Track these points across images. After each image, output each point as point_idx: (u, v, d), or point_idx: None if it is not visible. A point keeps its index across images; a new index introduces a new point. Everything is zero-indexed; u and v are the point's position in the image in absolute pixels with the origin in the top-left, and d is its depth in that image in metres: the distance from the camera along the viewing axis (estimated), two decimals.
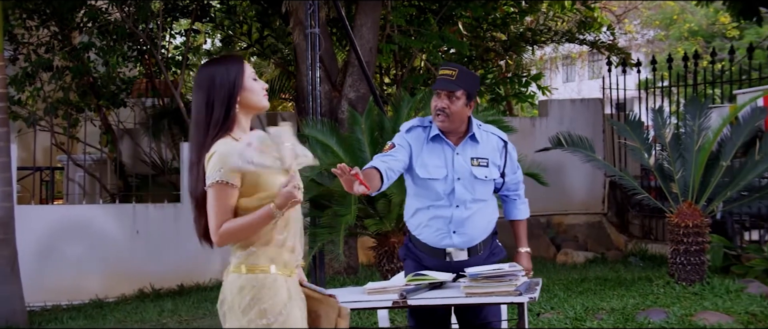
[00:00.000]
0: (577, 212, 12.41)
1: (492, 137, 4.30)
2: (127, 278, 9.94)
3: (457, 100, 4.13)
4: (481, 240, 4.24)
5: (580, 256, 10.90)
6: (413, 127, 4.28)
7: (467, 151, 4.21)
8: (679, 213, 7.84)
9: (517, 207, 4.48)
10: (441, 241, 4.20)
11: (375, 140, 7.70)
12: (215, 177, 2.97)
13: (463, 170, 4.17)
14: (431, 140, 4.22)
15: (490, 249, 4.31)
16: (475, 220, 4.19)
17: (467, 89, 4.15)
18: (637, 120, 8.62)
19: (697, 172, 7.77)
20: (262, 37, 14.48)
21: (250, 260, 3.05)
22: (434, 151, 4.21)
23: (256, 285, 3.01)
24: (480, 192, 4.20)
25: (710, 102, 8.93)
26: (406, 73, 13.39)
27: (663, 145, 8.22)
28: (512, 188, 4.41)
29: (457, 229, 4.17)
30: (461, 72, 4.18)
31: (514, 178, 4.39)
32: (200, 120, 3.07)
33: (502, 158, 4.29)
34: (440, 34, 12.47)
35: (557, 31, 14.89)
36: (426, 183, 4.19)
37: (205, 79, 3.10)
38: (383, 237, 7.49)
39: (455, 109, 4.13)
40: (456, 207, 4.16)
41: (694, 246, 7.71)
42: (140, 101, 13.62)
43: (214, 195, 2.98)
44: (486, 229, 4.26)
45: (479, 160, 4.20)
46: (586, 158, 8.48)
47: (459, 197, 4.16)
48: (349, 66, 10.37)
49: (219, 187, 2.97)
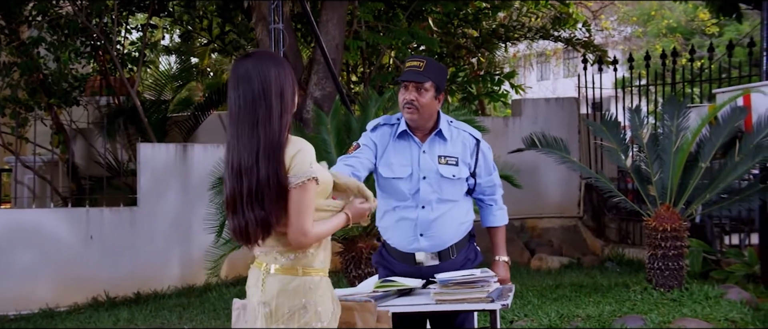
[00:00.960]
0: (551, 215, 12.46)
1: (463, 134, 4.27)
2: (79, 286, 9.84)
3: (426, 92, 4.13)
4: (453, 243, 4.20)
5: (554, 261, 10.95)
6: (379, 125, 4.29)
7: (435, 148, 4.20)
8: (656, 217, 7.90)
9: (493, 213, 4.42)
10: (409, 245, 4.18)
11: (342, 141, 7.69)
12: (307, 173, 3.01)
13: (429, 168, 4.16)
14: (398, 137, 4.21)
15: (466, 255, 4.27)
16: (444, 222, 4.16)
17: (435, 81, 4.15)
18: (613, 120, 8.68)
19: (676, 174, 7.84)
20: (223, 32, 14.42)
21: (303, 262, 3.12)
22: (400, 149, 4.21)
23: (312, 287, 3.10)
24: (448, 192, 4.18)
25: (689, 101, 9.01)
26: (374, 71, 13.38)
27: (640, 145, 8.27)
28: (487, 191, 4.36)
29: (424, 232, 4.15)
30: (429, 63, 4.18)
31: (489, 180, 4.35)
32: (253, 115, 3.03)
33: (474, 157, 4.26)
34: (409, 31, 12.49)
35: (531, 27, 14.97)
36: (390, 182, 4.19)
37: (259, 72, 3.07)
38: (350, 242, 7.48)
39: (424, 102, 4.12)
40: (422, 208, 4.14)
41: (673, 250, 7.77)
42: (94, 100, 13.50)
43: (305, 193, 3.02)
44: (457, 232, 4.23)
45: (447, 158, 4.19)
46: (561, 159, 8.52)
47: (424, 197, 4.14)
48: (315, 63, 10.36)
49: (310, 185, 3.02)
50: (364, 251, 7.33)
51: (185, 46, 16.32)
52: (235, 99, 3.07)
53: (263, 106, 3.04)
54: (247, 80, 3.06)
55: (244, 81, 3.07)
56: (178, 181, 10.57)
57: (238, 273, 10.19)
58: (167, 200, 10.51)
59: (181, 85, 15.39)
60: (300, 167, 3.00)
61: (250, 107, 3.04)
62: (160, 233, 10.38)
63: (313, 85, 10.26)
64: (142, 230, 10.32)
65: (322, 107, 9.36)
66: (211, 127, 13.54)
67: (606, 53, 14.93)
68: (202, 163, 10.10)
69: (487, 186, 4.35)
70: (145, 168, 10.48)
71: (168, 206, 10.50)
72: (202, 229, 8.12)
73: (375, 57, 13.59)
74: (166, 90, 15.05)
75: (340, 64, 11.12)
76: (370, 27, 12.50)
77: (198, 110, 13.96)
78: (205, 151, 10.64)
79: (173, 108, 14.92)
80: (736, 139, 8.04)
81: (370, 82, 12.82)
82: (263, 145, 3.01)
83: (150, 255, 10.24)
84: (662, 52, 11.84)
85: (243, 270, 10.24)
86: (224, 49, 14.72)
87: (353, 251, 7.46)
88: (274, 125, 3.03)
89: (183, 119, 13.90)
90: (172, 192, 10.54)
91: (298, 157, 3.01)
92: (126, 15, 13.81)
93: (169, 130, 13.59)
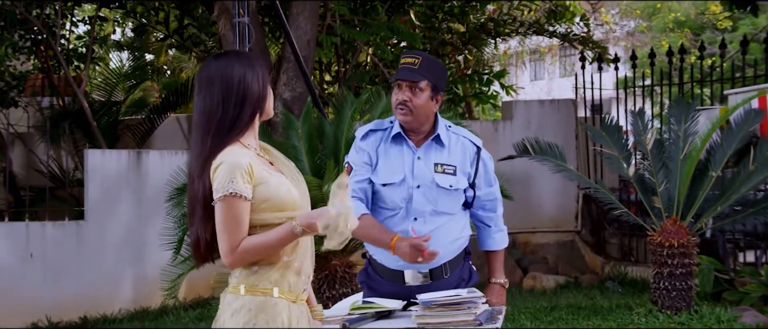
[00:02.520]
0: (546, 230, 12.50)
1: (463, 141, 4.27)
2: (18, 309, 9.76)
3: (421, 93, 4.12)
4: (446, 260, 4.19)
5: (549, 280, 10.98)
6: (369, 133, 4.28)
7: (431, 154, 4.20)
8: (662, 232, 7.94)
9: (491, 235, 4.43)
10: (397, 261, 4.12)
11: (314, 147, 7.70)
12: (227, 188, 3.00)
13: (424, 176, 4.15)
14: (391, 141, 4.22)
15: (460, 274, 4.27)
16: (438, 237, 4.10)
17: (432, 80, 4.14)
18: (614, 124, 8.73)
19: (683, 184, 7.88)
20: (181, 26, 14.38)
21: (251, 280, 3.10)
22: (391, 154, 4.21)
23: (252, 308, 3.07)
24: (444, 203, 4.17)
25: (698, 103, 9.08)
26: (349, 70, 13.40)
27: (644, 152, 8.32)
28: (487, 206, 4.36)
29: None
30: (425, 60, 4.17)
31: (490, 193, 4.35)
32: (209, 122, 3.10)
33: (474, 166, 4.25)
34: (389, 25, 12.50)
35: (523, 21, 15.03)
36: (380, 190, 4.19)
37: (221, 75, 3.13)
38: (323, 260, 7.46)
39: (419, 103, 4.12)
40: (414, 220, 4.13)
41: (680, 268, 7.81)
42: (35, 100, 13.42)
43: (225, 210, 3.01)
44: (452, 249, 4.22)
45: (444, 167, 4.18)
46: (557, 168, 8.56)
47: (417, 208, 4.13)
48: (284, 61, 10.35)
49: (230, 201, 3.00)
50: (339, 269, 7.33)
51: (139, 41, 16.24)
52: (196, 104, 3.15)
53: (220, 113, 3.09)
54: (208, 84, 3.13)
55: (206, 85, 3.13)
56: (130, 192, 10.53)
57: (197, 294, 10.14)
58: (118, 213, 10.45)
59: (134, 84, 15.30)
60: (219, 181, 3.02)
61: (207, 113, 3.10)
62: (110, 250, 10.32)
63: (283, 85, 10.25)
64: (90, 247, 10.26)
65: (292, 110, 9.35)
66: (168, 131, 13.49)
67: (606, 50, 15.01)
68: (157, 172, 10.06)
69: (486, 200, 4.35)
70: (94, 178, 10.43)
71: (119, 220, 10.44)
72: (158, 246, 8.09)
73: (351, 54, 13.60)
74: (117, 90, 14.97)
75: (312, 62, 11.12)
76: (346, 21, 12.51)
77: (153, 113, 13.90)
78: (161, 158, 10.60)
79: (125, 110, 14.85)
80: (751, 145, 8.09)
81: (345, 82, 12.83)
82: (207, 155, 3.07)
83: (98, 275, 10.17)
84: (669, 49, 11.88)
85: (203, 291, 10.23)
86: (183, 44, 14.69)
87: (327, 269, 7.45)
88: (223, 134, 3.08)
89: (136, 123, 13.84)
90: (124, 204, 10.49)
91: (220, 170, 3.02)
92: (71, 6, 13.74)
93: (121, 134, 13.52)
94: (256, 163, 3.09)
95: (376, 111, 7.80)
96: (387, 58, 12.79)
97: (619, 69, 12.32)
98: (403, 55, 4.27)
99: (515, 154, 8.75)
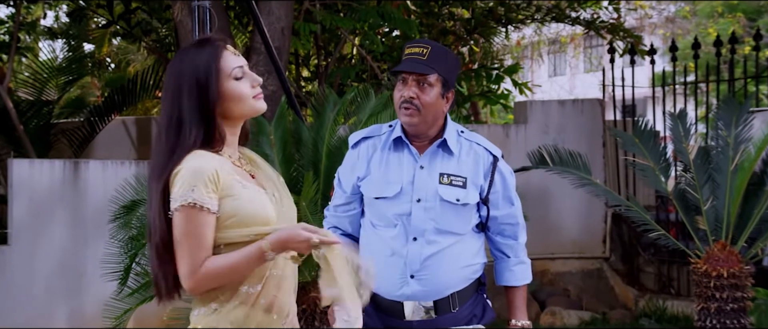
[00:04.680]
0: (568, 256, 12.51)
1: (476, 148, 4.26)
2: None
3: (430, 88, 4.11)
4: (455, 290, 4.19)
5: (572, 317, 10.99)
6: (363, 140, 4.31)
7: (436, 162, 4.20)
8: (708, 258, 7.95)
9: (510, 268, 4.42)
10: (395, 290, 4.16)
11: (289, 156, 7.69)
12: (186, 198, 2.97)
13: (426, 188, 4.15)
14: (391, 146, 4.22)
15: (471, 309, 4.26)
16: (442, 261, 4.14)
17: (443, 74, 4.13)
18: (649, 129, 8.74)
19: (734, 202, 7.90)
20: (128, 10, 14.36)
21: (207, 321, 3.07)
22: (390, 161, 4.22)
23: None
24: (450, 221, 4.17)
25: (752, 104, 9.10)
26: (331, 64, 13.41)
27: (686, 163, 8.34)
28: (507, 231, 4.36)
29: (415, 272, 4.14)
30: (435, 50, 4.16)
31: (510, 215, 4.34)
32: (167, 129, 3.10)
33: (488, 179, 4.24)
34: (379, 11, 12.49)
35: (540, 6, 15.05)
36: (373, 204, 4.21)
37: (173, 74, 3.14)
38: (301, 291, 7.46)
39: (428, 100, 4.10)
40: (413, 239, 4.13)
41: (731, 303, 7.82)
42: None
43: (184, 223, 2.98)
44: (460, 277, 4.22)
45: (451, 177, 4.17)
46: (580, 182, 8.57)
47: (417, 225, 4.13)
48: (253, 53, 10.35)
49: (189, 212, 2.98)
50: (318, 303, 7.32)
51: (76, 27, 16.21)
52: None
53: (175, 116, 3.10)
54: (165, 85, 3.17)
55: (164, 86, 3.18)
56: (66, 211, 10.50)
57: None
58: (51, 236, 10.43)
59: (70, 80, 15.26)
60: (177, 189, 3.00)
61: (164, 119, 3.14)
62: (40, 279, 10.29)
63: None
64: (16, 275, 10.23)
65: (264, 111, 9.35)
66: (112, 136, 13.48)
67: (640, 40, 15.04)
68: (99, 186, 10.05)
69: (505, 223, 4.34)
70: (21, 193, 10.40)
71: (52, 244, 10.41)
72: (99, 276, 8.08)
73: (333, 45, 13.62)
74: (49, 87, 14.92)
75: (286, 54, 11.12)
76: (327, 6, 12.52)
77: (94, 114, 13.88)
78: (103, 170, 10.57)
79: (60, 111, 14.83)
80: None
81: (326, 79, 12.84)
82: (164, 165, 3.08)
83: (26, 309, 10.14)
84: (717, 38, 11.92)
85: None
86: (130, 32, 14.66)
87: (305, 302, 7.46)
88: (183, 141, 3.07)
89: (74, 126, 13.82)
90: (58, 225, 10.47)
91: (179, 177, 3.02)
92: None
93: (55, 140, 13.50)
94: (227, 171, 3.06)
95: (364, 113, 7.81)
96: (376, 49, 12.78)
97: (655, 62, 12.35)
98: (410, 44, 4.24)
99: (530, 164, 8.77)
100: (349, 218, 4.28)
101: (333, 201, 4.39)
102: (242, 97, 3.17)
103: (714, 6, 25.05)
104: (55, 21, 18.58)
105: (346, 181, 4.28)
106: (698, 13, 25.64)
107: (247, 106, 3.20)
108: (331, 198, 4.36)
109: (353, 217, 4.27)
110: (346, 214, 4.26)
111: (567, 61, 33.00)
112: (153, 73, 14.59)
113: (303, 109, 10.13)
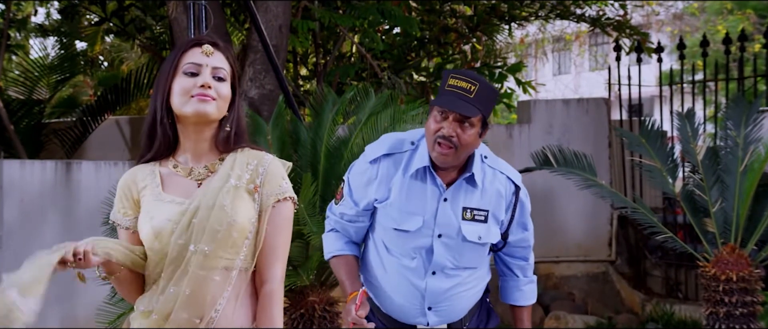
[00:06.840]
0: (572, 259, 12.51)
1: (499, 178, 4.18)
2: None
3: (471, 128, 3.95)
4: (467, 311, 4.25)
5: (577, 321, 10.99)
6: (384, 157, 4.15)
7: (460, 195, 4.11)
8: (717, 262, 7.94)
9: (519, 287, 4.43)
10: (412, 318, 4.18)
11: (287, 156, 7.68)
12: (112, 216, 3.22)
13: (449, 225, 4.09)
14: (414, 174, 4.09)
15: (477, 322, 4.31)
16: (459, 292, 4.17)
17: (485, 113, 3.96)
18: (656, 129, 8.74)
19: (743, 203, 7.89)
20: (122, 7, 14.36)
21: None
22: (412, 190, 4.10)
23: None
24: (468, 258, 4.15)
25: (762, 103, 9.08)
26: (330, 63, 13.41)
27: (694, 164, 8.34)
28: (518, 253, 4.37)
29: (433, 305, 4.15)
30: (483, 88, 3.94)
31: (523, 239, 4.34)
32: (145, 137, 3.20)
33: (510, 211, 4.21)
34: (379, 8, 12.49)
35: (545, 2, 15.05)
36: (390, 232, 4.14)
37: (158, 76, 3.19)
38: (298, 296, 7.46)
39: (466, 140, 3.94)
40: (432, 274, 4.12)
41: (741, 308, 7.81)
42: None
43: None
44: (475, 300, 4.27)
45: (474, 212, 4.10)
46: (585, 183, 8.56)
47: (438, 261, 4.10)
48: (250, 51, 10.35)
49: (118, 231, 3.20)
50: (318, 307, 7.33)
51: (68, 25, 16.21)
52: None
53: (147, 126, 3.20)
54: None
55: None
56: (58, 212, 10.49)
57: None
58: (42, 238, 10.42)
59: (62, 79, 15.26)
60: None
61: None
62: None
63: (248, 80, 10.25)
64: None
65: (260, 111, 9.35)
66: (105, 137, 13.47)
67: (647, 37, 15.02)
68: (92, 187, 10.04)
69: (518, 247, 4.35)
70: (12, 195, 10.40)
71: (43, 246, 10.29)
72: (92, 279, 8.06)
73: (332, 43, 13.61)
74: (40, 86, 14.92)
75: (284, 52, 11.11)
76: (326, 3, 12.51)
77: (87, 114, 13.86)
78: (96, 170, 10.57)
79: (51, 111, 14.83)
80: None
81: (325, 78, 12.84)
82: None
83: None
84: (726, 36, 11.91)
85: None
86: (123, 30, 14.65)
87: (303, 307, 7.45)
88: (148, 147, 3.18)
89: (66, 126, 13.81)
90: (50, 227, 10.46)
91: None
92: None
93: (46, 141, 13.50)
94: (148, 184, 3.09)
95: (363, 112, 7.80)
96: (376, 47, 12.77)
97: (662, 60, 12.35)
98: (454, 74, 4.01)
99: (534, 165, 8.76)
100: (356, 228, 4.23)
101: (340, 208, 4.26)
102: (182, 92, 3.08)
103: (723, 3, 24.99)
104: (46, 18, 18.54)
105: (359, 196, 4.18)
106: (707, 9, 25.61)
107: (185, 103, 3.08)
108: (337, 202, 4.27)
109: (360, 229, 4.23)
110: (353, 225, 4.21)
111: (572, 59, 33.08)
112: (147, 72, 14.57)
113: (301, 108, 10.14)
